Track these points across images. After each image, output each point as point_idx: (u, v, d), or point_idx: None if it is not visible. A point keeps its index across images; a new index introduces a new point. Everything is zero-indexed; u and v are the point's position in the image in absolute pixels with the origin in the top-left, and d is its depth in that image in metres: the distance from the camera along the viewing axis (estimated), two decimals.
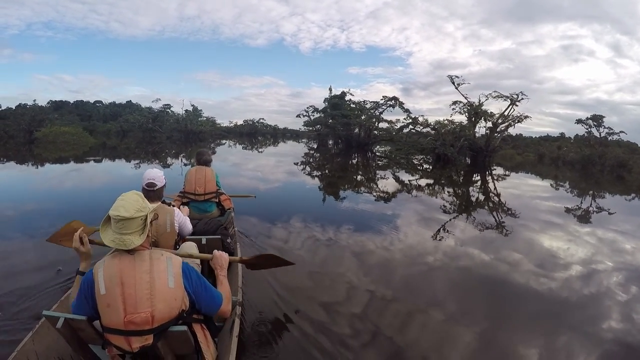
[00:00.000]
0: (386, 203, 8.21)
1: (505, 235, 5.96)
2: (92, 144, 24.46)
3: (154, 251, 1.54)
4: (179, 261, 1.55)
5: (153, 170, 2.57)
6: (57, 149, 19.37)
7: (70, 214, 5.58)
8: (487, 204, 9.07)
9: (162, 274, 1.46)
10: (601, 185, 16.71)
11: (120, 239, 1.45)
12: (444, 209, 7.72)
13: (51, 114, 34.76)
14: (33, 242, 4.29)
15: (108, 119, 43.43)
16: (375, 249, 4.77)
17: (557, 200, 10.25)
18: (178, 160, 17.96)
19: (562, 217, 7.85)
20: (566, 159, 27.46)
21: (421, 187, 11.24)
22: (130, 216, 1.46)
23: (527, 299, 3.54)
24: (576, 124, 29.30)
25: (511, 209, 8.07)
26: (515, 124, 22.04)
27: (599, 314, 3.31)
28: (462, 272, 4.17)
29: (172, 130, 37.43)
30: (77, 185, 9.14)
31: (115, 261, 1.46)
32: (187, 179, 3.85)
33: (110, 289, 1.41)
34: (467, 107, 22.41)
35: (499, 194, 10.67)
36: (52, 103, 48.70)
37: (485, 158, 21.72)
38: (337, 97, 35.30)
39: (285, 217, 6.10)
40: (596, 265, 4.62)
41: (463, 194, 10.94)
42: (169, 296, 1.46)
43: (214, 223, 3.37)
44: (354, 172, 15.78)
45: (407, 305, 3.25)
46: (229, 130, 55.46)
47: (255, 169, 14.45)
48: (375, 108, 30.37)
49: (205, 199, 3.83)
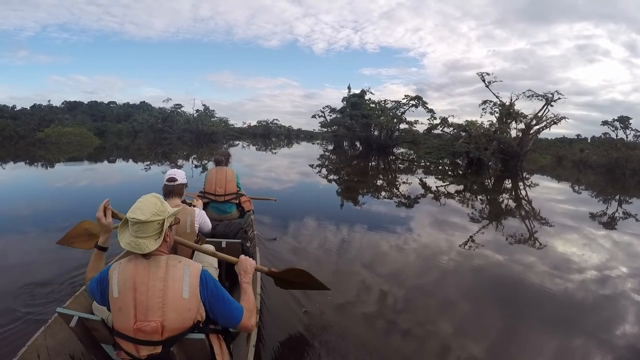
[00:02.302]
0: (417, 213, 7.81)
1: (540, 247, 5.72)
2: (97, 144, 24.98)
3: (171, 257, 1.53)
4: (198, 269, 1.53)
5: (174, 170, 2.74)
6: (60, 151, 19.84)
7: (75, 215, 5.75)
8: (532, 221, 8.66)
9: (177, 282, 1.46)
10: (628, 190, 16.13)
11: (136, 242, 1.46)
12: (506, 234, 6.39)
13: (64, 114, 36.07)
14: (43, 240, 4.44)
15: (121, 120, 44.92)
16: (402, 259, 4.72)
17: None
18: (189, 162, 18.26)
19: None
20: (588, 162, 26.89)
21: (461, 197, 10.81)
22: (146, 219, 1.47)
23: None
24: (602, 125, 28.09)
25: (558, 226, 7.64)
26: (550, 125, 21.15)
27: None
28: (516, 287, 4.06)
29: (183, 131, 38.10)
30: (78, 189, 9.33)
31: (131, 265, 1.47)
32: (207, 178, 3.97)
33: (123, 293, 1.43)
34: (499, 107, 21.79)
35: (536, 210, 9.07)
36: (66, 104, 51.69)
37: (517, 162, 20.95)
38: (357, 96, 35.20)
39: (302, 220, 6.16)
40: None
41: (513, 210, 9.27)
42: (182, 307, 1.45)
43: (235, 226, 3.40)
44: (384, 177, 15.56)
45: (448, 320, 3.17)
46: (243, 131, 56.60)
47: (269, 170, 14.61)
48: (397, 108, 30.02)
49: (225, 199, 3.92)
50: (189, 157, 21.03)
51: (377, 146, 30.25)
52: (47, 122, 28.25)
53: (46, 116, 30.86)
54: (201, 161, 18.34)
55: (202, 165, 16.15)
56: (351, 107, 34.26)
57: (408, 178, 14.36)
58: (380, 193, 10.60)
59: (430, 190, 11.30)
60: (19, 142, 23.95)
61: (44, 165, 13.64)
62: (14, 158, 15.91)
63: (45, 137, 24.36)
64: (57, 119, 31.14)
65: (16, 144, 23.14)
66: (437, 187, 12.49)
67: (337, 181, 13.33)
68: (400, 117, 29.26)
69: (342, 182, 13.14)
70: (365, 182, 12.87)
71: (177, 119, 40.41)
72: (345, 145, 38.28)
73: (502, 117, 21.78)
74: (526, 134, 21.38)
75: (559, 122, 20.83)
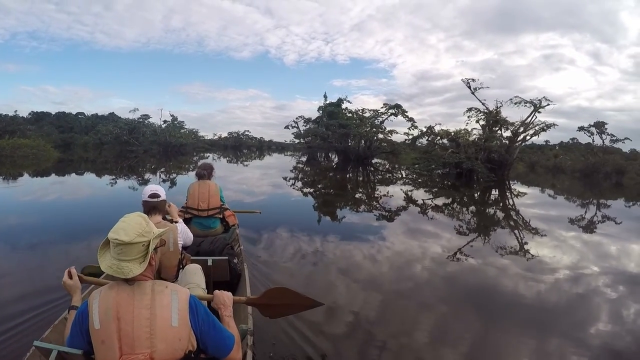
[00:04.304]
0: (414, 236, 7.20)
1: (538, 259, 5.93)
2: (56, 158, 24.18)
3: (156, 283, 1.47)
4: (186, 295, 1.47)
5: (152, 185, 2.72)
6: (14, 165, 19.06)
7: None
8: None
9: (164, 310, 1.39)
10: (604, 193, 17.02)
11: (118, 266, 1.39)
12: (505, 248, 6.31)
13: (30, 125, 34.79)
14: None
15: (89, 131, 43.69)
16: (389, 273, 4.86)
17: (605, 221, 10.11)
18: (156, 176, 17.92)
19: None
20: (561, 167, 27.96)
21: (461, 210, 10.81)
22: (130, 241, 1.40)
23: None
24: (578, 131, 29.68)
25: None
26: (539, 132, 21.53)
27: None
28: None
29: (150, 143, 37.41)
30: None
31: (112, 292, 1.40)
32: (189, 193, 3.95)
33: (105, 324, 1.35)
34: (484, 114, 22.03)
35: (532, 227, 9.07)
36: (33, 114, 50.46)
37: (504, 171, 21.19)
38: (333, 105, 35.65)
39: (286, 233, 6.42)
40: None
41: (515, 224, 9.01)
42: (171, 336, 1.37)
43: (220, 242, 3.40)
44: (365, 191, 15.56)
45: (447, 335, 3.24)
46: (213, 143, 56.22)
47: (240, 182, 14.52)
48: (375, 117, 30.48)
49: (208, 214, 3.91)
50: (156, 170, 20.69)
51: (355, 157, 30.56)
52: (9, 133, 27.19)
53: (7, 127, 29.71)
54: (169, 175, 18.05)
55: (170, 180, 15.91)
56: (327, 117, 34.61)
57: (391, 191, 14.52)
58: (365, 207, 10.63)
59: (423, 205, 11.23)
60: None
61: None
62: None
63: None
64: (20, 130, 30.03)
65: None
66: (431, 201, 12.37)
67: (314, 195, 13.38)
68: (380, 127, 29.80)
69: (320, 195, 13.21)
70: (344, 196, 13.03)
71: (144, 130, 39.71)
72: (320, 157, 38.50)
73: (489, 125, 22.05)
74: (513, 142, 21.68)
75: (548, 129, 21.29)
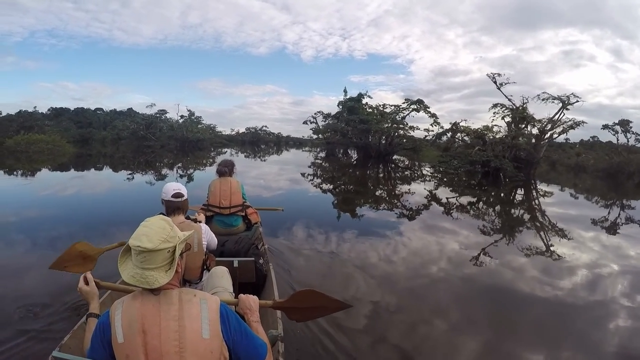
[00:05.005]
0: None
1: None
2: (71, 153, 24.46)
3: (183, 291, 1.38)
4: (216, 303, 1.38)
5: (174, 183, 2.60)
6: (29, 160, 19.32)
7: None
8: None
9: (194, 321, 1.31)
10: (629, 193, 16.37)
11: (142, 275, 1.31)
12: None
13: (48, 120, 35.62)
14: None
15: (107, 127, 44.66)
16: (419, 277, 4.68)
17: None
18: (173, 171, 17.98)
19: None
20: (583, 166, 27.21)
21: (497, 213, 10.34)
22: (154, 247, 1.31)
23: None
24: (602, 129, 28.23)
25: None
26: (567, 130, 20.61)
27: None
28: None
29: (167, 138, 37.76)
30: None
31: (136, 303, 1.32)
32: (210, 190, 3.95)
33: (130, 338, 1.27)
34: (510, 110, 21.18)
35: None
36: (52, 110, 51.71)
37: (530, 170, 20.41)
38: (354, 100, 35.12)
39: (307, 230, 6.38)
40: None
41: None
42: (202, 349, 1.29)
43: (245, 242, 3.37)
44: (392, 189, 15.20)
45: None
46: (231, 139, 56.85)
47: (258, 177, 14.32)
48: (396, 112, 29.80)
49: (230, 212, 3.90)
50: (173, 166, 20.75)
51: (376, 153, 30.02)
52: (27, 129, 27.81)
53: (25, 122, 30.38)
54: (186, 170, 18.04)
55: (188, 175, 15.93)
56: (348, 112, 34.13)
57: (413, 188, 14.17)
58: (388, 205, 10.30)
59: (448, 204, 10.89)
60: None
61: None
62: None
63: (15, 144, 23.87)
64: (37, 126, 30.69)
65: None
66: (456, 200, 12.02)
67: (334, 191, 13.14)
68: (402, 122, 29.13)
69: (340, 192, 12.97)
70: (365, 193, 12.71)
71: (161, 125, 40.09)
72: (338, 153, 38.13)
73: (515, 122, 21.28)
74: (540, 139, 20.92)
75: (576, 126, 20.41)
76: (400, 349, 2.89)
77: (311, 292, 2.04)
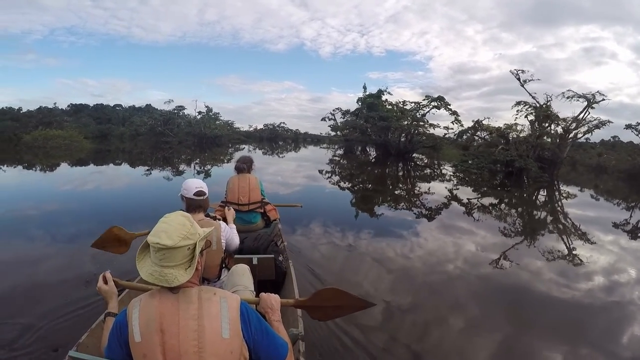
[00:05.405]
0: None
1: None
2: (88, 149, 24.69)
3: (203, 290, 1.35)
4: (237, 302, 1.35)
5: (195, 180, 2.54)
6: (47, 155, 19.62)
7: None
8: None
9: (214, 320, 1.28)
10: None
11: (161, 273, 1.27)
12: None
13: (67, 116, 36.47)
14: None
15: (125, 123, 45.41)
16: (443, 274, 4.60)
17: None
18: (190, 167, 18.07)
19: None
20: (604, 166, 26.45)
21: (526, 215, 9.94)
22: (173, 245, 1.28)
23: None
24: (625, 129, 27.07)
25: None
26: (593, 130, 20.04)
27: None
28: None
29: (185, 134, 38.06)
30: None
31: (154, 301, 1.29)
32: (229, 187, 3.97)
33: (147, 337, 1.25)
34: (533, 108, 20.52)
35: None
36: (72, 106, 53.37)
37: (554, 171, 19.84)
38: (373, 97, 34.65)
39: (326, 228, 6.32)
40: None
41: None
42: (222, 349, 1.26)
43: (264, 238, 3.39)
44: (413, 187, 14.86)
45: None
46: (249, 135, 56.98)
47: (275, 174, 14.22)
48: (417, 110, 29.26)
49: (249, 209, 3.92)
50: (190, 162, 20.85)
51: (395, 151, 29.61)
52: (46, 125, 28.44)
53: (44, 118, 31.09)
54: (204, 167, 18.04)
55: (205, 172, 15.98)
56: (367, 109, 33.71)
57: (435, 188, 13.78)
58: (408, 204, 10.04)
59: (469, 204, 10.55)
60: (18, 145, 24.28)
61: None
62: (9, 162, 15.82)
63: (33, 140, 24.30)
64: (56, 121, 31.36)
65: (15, 146, 23.50)
66: (477, 201, 11.65)
67: (353, 189, 12.92)
68: (422, 120, 28.61)
69: (359, 190, 12.74)
70: (384, 192, 12.44)
71: (179, 121, 40.45)
72: (357, 150, 37.80)
73: (539, 120, 20.62)
74: (564, 139, 20.32)
75: (602, 126, 19.78)
76: (420, 348, 2.89)
77: (334, 291, 2.00)
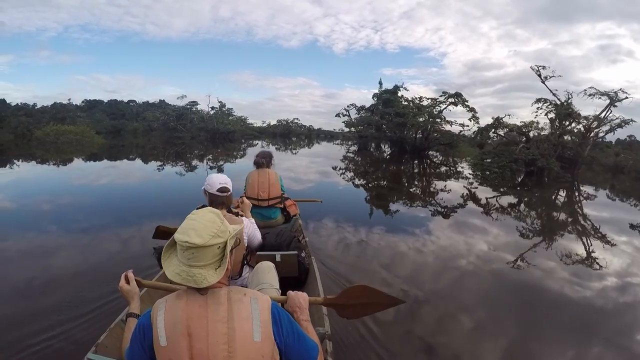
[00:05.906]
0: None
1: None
2: (100, 144, 24.72)
3: (232, 290, 1.29)
4: (268, 303, 1.29)
5: (219, 175, 2.49)
6: (58, 150, 19.75)
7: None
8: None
9: (244, 322, 1.22)
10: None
11: (189, 273, 1.21)
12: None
13: (81, 112, 37.02)
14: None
15: (139, 118, 46.07)
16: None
17: None
18: (203, 163, 18.05)
19: None
20: (622, 166, 25.68)
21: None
22: (203, 243, 1.21)
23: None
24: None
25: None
26: (616, 129, 19.40)
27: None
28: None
29: (198, 130, 38.21)
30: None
31: (181, 303, 1.23)
32: (248, 182, 3.92)
33: (173, 341, 1.19)
34: (554, 106, 19.87)
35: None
36: (86, 102, 54.81)
37: (574, 170, 19.25)
38: (389, 92, 34.15)
39: (344, 224, 6.25)
40: None
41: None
42: (254, 353, 1.21)
43: (286, 235, 3.30)
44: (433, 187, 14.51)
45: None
46: (262, 131, 57.22)
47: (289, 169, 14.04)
48: (433, 106, 28.71)
49: (269, 204, 3.88)
50: (203, 157, 20.85)
51: (411, 148, 29.18)
52: (59, 120, 28.81)
53: (57, 114, 31.48)
54: (217, 162, 17.94)
55: (218, 167, 15.96)
56: (383, 105, 33.27)
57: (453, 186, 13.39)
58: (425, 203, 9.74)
59: (488, 205, 10.18)
60: (32, 140, 24.67)
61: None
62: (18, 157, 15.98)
63: (44, 135, 24.56)
64: (70, 117, 31.74)
65: (28, 142, 23.85)
66: (496, 200, 11.23)
67: (367, 187, 12.68)
68: (440, 117, 28.03)
69: (374, 187, 12.50)
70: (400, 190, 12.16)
71: (192, 117, 40.62)
72: (371, 147, 37.41)
73: (559, 118, 19.97)
74: (586, 138, 19.67)
75: (625, 125, 19.11)
76: (446, 347, 2.87)
77: (363, 288, 1.96)
